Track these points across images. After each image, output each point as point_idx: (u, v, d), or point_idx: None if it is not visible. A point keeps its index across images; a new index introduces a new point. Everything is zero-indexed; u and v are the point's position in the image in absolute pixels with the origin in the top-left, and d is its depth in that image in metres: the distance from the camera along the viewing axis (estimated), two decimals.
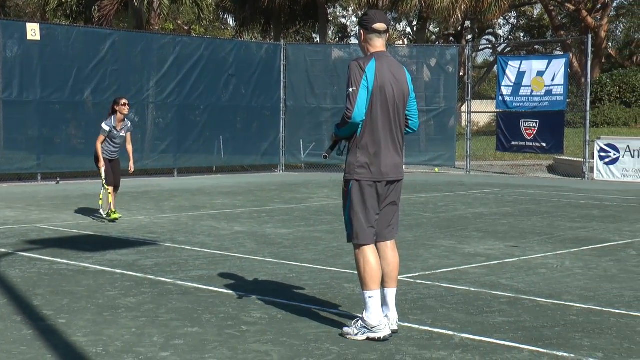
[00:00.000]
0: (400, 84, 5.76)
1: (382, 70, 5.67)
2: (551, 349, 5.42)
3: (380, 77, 5.64)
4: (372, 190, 5.70)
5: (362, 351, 5.34)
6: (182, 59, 22.38)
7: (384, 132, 5.68)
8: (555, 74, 22.98)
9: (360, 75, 5.61)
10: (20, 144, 20.44)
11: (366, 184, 5.69)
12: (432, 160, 25.02)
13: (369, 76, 5.61)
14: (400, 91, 5.74)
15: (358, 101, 5.57)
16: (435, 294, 7.17)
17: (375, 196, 5.72)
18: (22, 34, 20.01)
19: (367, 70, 5.62)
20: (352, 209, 5.75)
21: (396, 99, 5.72)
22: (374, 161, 5.66)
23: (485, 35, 56.70)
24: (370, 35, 5.80)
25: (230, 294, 7.04)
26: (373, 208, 5.73)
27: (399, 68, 5.84)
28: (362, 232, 5.72)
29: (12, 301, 6.79)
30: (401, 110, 5.78)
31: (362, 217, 5.72)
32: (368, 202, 5.71)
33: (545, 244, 10.17)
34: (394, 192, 5.84)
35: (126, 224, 11.93)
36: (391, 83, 5.69)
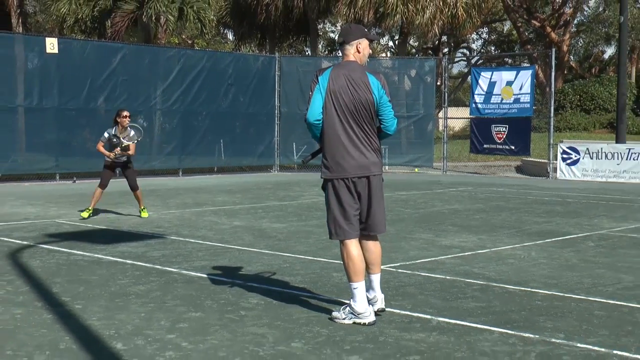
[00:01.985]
0: (359, 90, 5.60)
1: (336, 77, 5.62)
2: (518, 330, 5.45)
3: (333, 83, 5.60)
4: (344, 187, 5.65)
5: (349, 333, 5.35)
6: (186, 69, 22.37)
7: (342, 134, 5.62)
8: (523, 84, 23.04)
9: (315, 83, 5.65)
10: (40, 147, 20.40)
11: (336, 182, 5.66)
12: (412, 161, 25.06)
13: (322, 83, 5.62)
14: (359, 96, 5.60)
15: (311, 104, 5.62)
16: (415, 282, 7.19)
17: (348, 192, 5.65)
18: (41, 48, 19.98)
19: (320, 78, 5.63)
20: (329, 207, 5.74)
21: (355, 103, 5.60)
22: (337, 161, 5.63)
23: (460, 49, 56.84)
24: (340, 47, 5.88)
25: (230, 282, 7.05)
26: (349, 204, 5.66)
27: (361, 75, 5.66)
28: (340, 229, 5.68)
29: (34, 289, 6.78)
30: (364, 114, 5.64)
31: (338, 214, 5.68)
32: (343, 199, 5.66)
33: (514, 237, 10.21)
34: (370, 189, 5.70)
35: (136, 219, 11.91)
36: (347, 88, 5.60)
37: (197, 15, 27.15)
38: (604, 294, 6.68)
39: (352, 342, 5.15)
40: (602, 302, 6.40)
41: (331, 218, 5.72)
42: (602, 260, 8.47)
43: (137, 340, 5.15)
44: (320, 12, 32.41)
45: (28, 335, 5.27)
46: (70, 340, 5.17)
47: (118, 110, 12.68)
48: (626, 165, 20.82)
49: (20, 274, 7.47)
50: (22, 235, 10.10)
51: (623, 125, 22.86)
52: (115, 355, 4.84)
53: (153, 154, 22.17)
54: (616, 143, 22.04)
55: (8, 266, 7.88)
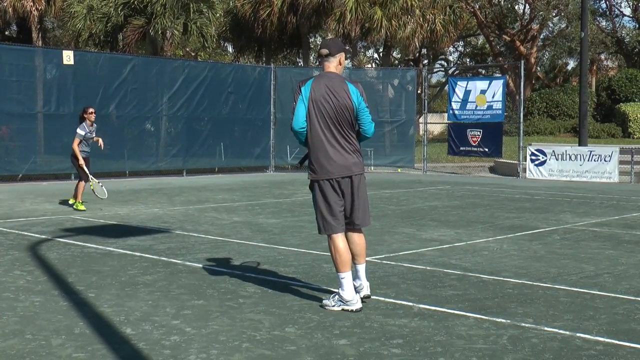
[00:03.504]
0: (339, 98, 5.59)
1: (318, 87, 5.62)
2: (492, 316, 5.44)
3: (315, 93, 5.60)
4: (329, 186, 5.64)
5: (338, 319, 5.33)
6: (190, 79, 22.30)
7: (324, 138, 5.61)
8: (495, 92, 23.06)
9: (298, 93, 5.66)
10: (57, 149, 20.27)
11: (322, 182, 5.65)
12: (395, 162, 25.05)
13: (305, 93, 5.62)
14: (339, 103, 5.60)
15: (296, 113, 5.63)
16: (397, 272, 7.18)
17: (333, 191, 5.64)
18: (59, 59, 19.88)
19: (303, 89, 5.64)
20: (316, 205, 5.73)
21: (335, 110, 5.59)
22: (322, 163, 5.63)
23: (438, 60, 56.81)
24: (319, 59, 5.89)
25: (230, 273, 7.02)
26: (334, 202, 5.65)
27: (341, 84, 5.65)
28: (327, 224, 5.66)
29: (51, 278, 6.74)
30: (344, 119, 5.63)
31: (325, 211, 5.66)
32: (329, 198, 5.64)
33: (487, 231, 10.20)
34: (353, 188, 5.69)
35: (144, 215, 11.86)
36: (327, 97, 5.59)
37: (200, 30, 27.09)
38: (568, 282, 6.68)
39: (341, 327, 5.13)
40: (567, 289, 6.40)
41: (319, 215, 5.70)
42: (566, 251, 8.47)
43: (145, 326, 5.12)
44: (311, 27, 32.38)
45: (46, 321, 5.23)
46: (84, 325, 5.14)
47: (85, 107, 12.88)
48: (588, 165, 20.87)
49: (39, 265, 7.42)
50: (40, 229, 10.04)
51: (585, 129, 22.94)
52: (125, 339, 4.81)
53: (160, 156, 22.10)
54: (579, 146, 22.08)
55: (28, 258, 7.83)
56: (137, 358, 4.46)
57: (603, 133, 33.58)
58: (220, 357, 4.45)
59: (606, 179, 20.48)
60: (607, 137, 32.98)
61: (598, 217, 12.04)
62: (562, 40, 45.77)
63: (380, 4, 27.54)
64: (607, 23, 47.19)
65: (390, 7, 27.52)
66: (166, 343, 4.72)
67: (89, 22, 27.35)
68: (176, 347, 4.65)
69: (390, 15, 27.71)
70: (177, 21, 26.31)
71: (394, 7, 27.49)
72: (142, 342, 4.73)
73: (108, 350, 4.57)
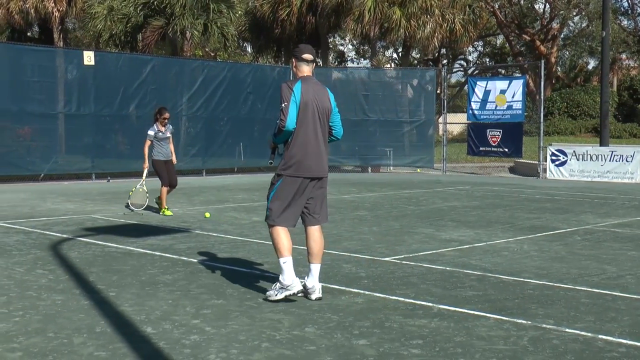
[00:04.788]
0: (322, 102, 5.94)
1: (306, 90, 5.85)
2: (512, 317, 5.41)
3: (305, 95, 5.83)
4: (295, 184, 5.85)
5: (358, 319, 5.32)
6: (209, 79, 22.37)
7: (309, 139, 5.86)
8: (515, 92, 22.94)
9: (290, 93, 5.81)
10: (78, 149, 20.45)
11: (291, 179, 5.85)
12: (415, 162, 24.99)
13: (296, 94, 5.81)
14: (322, 107, 5.92)
15: (289, 113, 5.79)
16: (417, 272, 7.16)
17: (296, 189, 5.85)
18: (79, 60, 20.03)
19: (294, 90, 5.82)
20: (275, 196, 5.90)
21: (319, 113, 5.89)
22: (301, 161, 5.83)
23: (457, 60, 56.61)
24: (299, 62, 6.04)
25: (249, 272, 7.03)
26: (294, 199, 5.85)
27: (322, 89, 5.99)
28: (277, 216, 5.84)
29: (72, 277, 6.79)
30: (324, 122, 5.94)
31: (280, 204, 5.84)
32: (290, 194, 5.85)
33: (507, 231, 10.15)
34: (317, 187, 5.96)
35: (163, 215, 11.90)
36: (314, 100, 5.87)
37: (220, 30, 27.16)
38: (590, 284, 6.63)
39: (361, 327, 5.12)
40: (588, 290, 6.35)
41: (275, 205, 5.88)
42: (587, 252, 8.41)
43: (165, 325, 5.14)
44: (330, 27, 32.34)
45: (67, 319, 5.27)
46: (105, 324, 5.17)
47: (161, 108, 12.22)
48: (609, 166, 20.70)
49: (61, 264, 7.48)
50: (62, 229, 10.12)
51: (606, 129, 22.75)
52: (146, 338, 4.83)
53: (179, 156, 21.96)
54: (600, 146, 21.91)
55: (49, 257, 7.89)
56: (158, 357, 4.48)
57: (625, 133, 33.32)
58: (240, 357, 4.46)
59: (628, 179, 20.30)
60: (628, 137, 32.73)
61: (620, 217, 11.93)
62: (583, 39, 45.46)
63: (399, 3, 27.46)
64: (628, 22, 46.83)
65: (409, 6, 27.43)
66: (186, 342, 4.74)
67: (110, 22, 27.53)
68: (196, 346, 4.66)
69: (409, 15, 27.63)
70: (197, 21, 26.39)
71: (413, 7, 27.41)
72: (162, 341, 4.75)
73: (129, 349, 4.59)
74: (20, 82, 19.00)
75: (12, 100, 18.65)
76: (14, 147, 18.91)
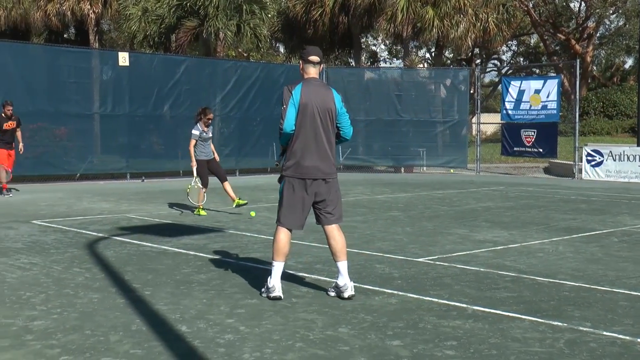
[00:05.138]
0: (325, 103, 5.93)
1: (307, 92, 5.90)
2: (548, 319, 5.35)
3: (304, 97, 5.88)
4: (299, 185, 5.91)
5: (391, 320, 5.31)
6: (242, 80, 22.48)
7: (309, 140, 5.91)
8: (550, 92, 22.72)
9: (289, 96, 5.90)
10: (113, 149, 20.70)
11: (293, 180, 5.92)
12: (448, 162, 24.86)
13: (295, 97, 5.88)
14: (324, 108, 5.94)
15: (287, 116, 5.89)
16: (451, 273, 7.12)
17: (298, 190, 5.91)
18: (114, 61, 20.29)
19: (294, 92, 5.90)
20: (281, 198, 6.00)
21: (320, 114, 5.91)
22: (299, 162, 5.90)
23: (491, 60, 56.15)
24: (305, 64, 6.09)
25: (282, 272, 7.03)
26: (299, 200, 5.92)
27: (326, 90, 6.01)
28: (284, 216, 5.96)
29: (108, 276, 6.87)
30: (327, 124, 5.95)
31: (286, 205, 5.95)
32: (295, 195, 5.93)
33: (542, 232, 10.05)
34: (324, 188, 5.96)
35: (198, 215, 11.98)
36: (315, 102, 5.90)
37: (253, 31, 27.27)
38: (628, 286, 6.53)
39: (394, 328, 5.11)
40: (626, 293, 6.26)
41: (282, 206, 6.00)
42: (625, 254, 8.28)
43: (200, 324, 5.18)
44: (363, 28, 32.31)
45: (104, 317, 5.33)
46: (141, 322, 5.22)
47: (205, 109, 12.28)
48: None
49: (97, 262, 7.57)
50: (97, 228, 10.24)
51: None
52: (181, 337, 4.87)
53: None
54: (637, 146, 21.59)
55: (86, 255, 7.99)
56: (193, 356, 4.51)
57: None
58: (274, 356, 4.47)
59: None
60: None
61: None
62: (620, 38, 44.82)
63: (432, 3, 27.34)
64: None
65: (442, 6, 27.29)
66: (220, 341, 4.77)
67: (144, 24, 27.80)
68: (230, 345, 4.69)
69: (442, 14, 27.49)
70: (230, 22, 26.54)
71: (446, 6, 27.26)
72: (197, 340, 4.79)
73: (164, 348, 4.63)
74: (57, 83, 19.28)
75: (49, 101, 18.93)
76: (51, 147, 19.19)
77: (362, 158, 25.00)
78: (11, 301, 5.84)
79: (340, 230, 6.09)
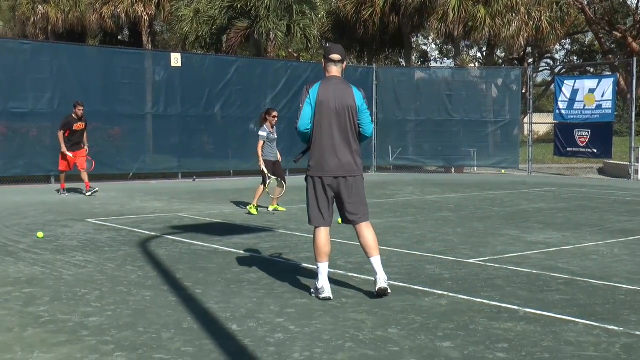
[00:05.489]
0: (344, 100, 5.92)
1: (325, 90, 5.92)
2: (603, 323, 5.25)
3: (322, 95, 5.91)
4: (319, 184, 5.97)
5: (442, 321, 5.27)
6: (293, 80, 22.55)
7: (326, 139, 5.94)
8: (605, 91, 22.26)
9: (305, 95, 5.96)
10: (165, 149, 20.98)
11: (315, 179, 5.99)
12: (499, 163, 24.57)
13: (312, 96, 5.92)
14: (342, 106, 5.94)
15: (302, 115, 5.94)
16: (502, 274, 7.03)
17: (322, 188, 5.95)
18: (167, 62, 20.56)
19: (310, 92, 5.94)
20: (308, 198, 6.06)
21: (339, 112, 5.90)
22: (319, 161, 5.97)
23: (544, 59, 55.33)
24: (327, 63, 6.10)
25: (332, 272, 7.04)
26: (322, 198, 5.95)
27: (346, 87, 5.99)
28: (314, 216, 6.02)
29: (160, 274, 6.97)
30: (346, 121, 5.93)
31: (313, 205, 6.00)
32: (319, 193, 5.98)
33: (597, 234, 9.85)
34: (344, 187, 5.97)
35: (248, 214, 12.07)
36: (333, 100, 5.91)
37: (303, 31, 27.36)
38: None
39: (445, 329, 5.07)
40: None
41: (309, 207, 6.06)
42: None
43: (250, 323, 5.21)
44: (413, 27, 32.13)
45: (156, 315, 5.41)
46: (192, 320, 5.28)
47: (269, 109, 12.62)
48: None
49: (149, 261, 7.69)
50: (150, 227, 10.40)
51: None
52: (231, 336, 4.91)
53: None
54: None
55: (139, 254, 8.12)
56: (243, 354, 4.55)
57: None
58: (324, 356, 4.48)
59: None
60: None
61: None
62: None
63: (484, 2, 27.04)
64: None
65: (494, 5, 26.98)
66: (271, 340, 4.79)
67: (196, 25, 28.11)
68: (280, 344, 4.71)
69: (494, 13, 27.16)
70: (281, 23, 26.67)
71: (498, 5, 26.94)
72: (247, 339, 4.82)
73: (215, 346, 4.68)
74: (111, 84, 19.62)
75: (103, 101, 19.28)
76: (105, 147, 19.54)
77: (412, 158, 24.87)
78: (67, 298, 5.97)
79: (369, 227, 6.07)
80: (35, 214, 11.89)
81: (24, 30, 32.49)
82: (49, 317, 5.35)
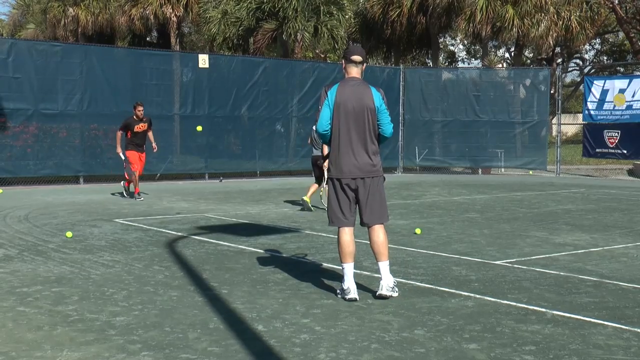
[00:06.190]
0: (362, 101, 5.91)
1: (343, 92, 5.93)
2: (632, 326, 5.18)
3: (339, 97, 5.92)
4: (338, 185, 5.98)
5: (468, 323, 5.23)
6: (320, 80, 22.55)
7: (344, 139, 5.93)
8: (635, 91, 21.97)
9: (324, 97, 5.99)
10: (192, 150, 21.11)
11: (335, 180, 6.01)
12: (527, 164, 24.37)
13: (330, 97, 5.95)
14: (360, 107, 5.91)
15: (321, 116, 5.96)
16: (530, 276, 6.97)
17: (342, 189, 5.97)
18: (194, 63, 20.68)
19: (329, 93, 5.97)
20: (329, 199, 6.08)
21: (357, 113, 5.90)
22: (337, 162, 5.98)
23: (573, 59, 54.77)
24: (347, 64, 6.11)
25: (358, 273, 7.03)
26: (343, 199, 5.97)
27: (364, 88, 5.98)
28: (335, 217, 6.05)
29: (187, 274, 7.00)
30: (364, 122, 5.92)
31: (334, 205, 6.03)
32: (339, 194, 6.00)
33: (626, 236, 9.73)
34: (362, 188, 5.97)
35: (274, 215, 12.11)
36: (351, 101, 5.91)
37: (330, 32, 27.36)
38: None
39: (471, 331, 5.04)
40: None
41: (330, 207, 6.07)
42: None
43: (276, 323, 5.22)
44: (441, 27, 32.01)
45: (183, 315, 5.44)
46: (218, 320, 5.30)
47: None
48: None
49: (176, 261, 7.73)
50: (177, 227, 10.46)
51: None
52: (257, 336, 4.92)
53: (290, 157, 22.51)
54: None
55: (166, 254, 8.18)
56: (269, 355, 4.55)
57: None
58: (349, 357, 4.47)
59: None
60: None
61: None
62: None
63: (513, 2, 26.84)
64: None
65: (522, 5, 26.77)
66: (296, 341, 4.80)
67: (223, 26, 28.22)
68: (306, 345, 4.71)
69: (522, 13, 26.96)
70: (308, 24, 26.70)
71: (526, 5, 26.73)
72: (273, 339, 4.83)
73: (241, 346, 4.69)
74: (140, 85, 19.78)
75: (132, 102, 19.33)
76: None
77: (438, 159, 24.76)
78: (95, 297, 6.03)
79: (381, 231, 6.10)
80: (64, 214, 12.03)
81: (55, 32, 32.87)
82: (78, 316, 5.40)
